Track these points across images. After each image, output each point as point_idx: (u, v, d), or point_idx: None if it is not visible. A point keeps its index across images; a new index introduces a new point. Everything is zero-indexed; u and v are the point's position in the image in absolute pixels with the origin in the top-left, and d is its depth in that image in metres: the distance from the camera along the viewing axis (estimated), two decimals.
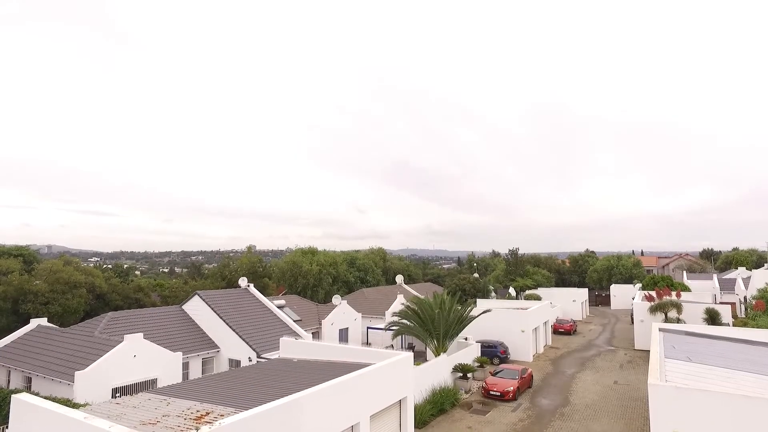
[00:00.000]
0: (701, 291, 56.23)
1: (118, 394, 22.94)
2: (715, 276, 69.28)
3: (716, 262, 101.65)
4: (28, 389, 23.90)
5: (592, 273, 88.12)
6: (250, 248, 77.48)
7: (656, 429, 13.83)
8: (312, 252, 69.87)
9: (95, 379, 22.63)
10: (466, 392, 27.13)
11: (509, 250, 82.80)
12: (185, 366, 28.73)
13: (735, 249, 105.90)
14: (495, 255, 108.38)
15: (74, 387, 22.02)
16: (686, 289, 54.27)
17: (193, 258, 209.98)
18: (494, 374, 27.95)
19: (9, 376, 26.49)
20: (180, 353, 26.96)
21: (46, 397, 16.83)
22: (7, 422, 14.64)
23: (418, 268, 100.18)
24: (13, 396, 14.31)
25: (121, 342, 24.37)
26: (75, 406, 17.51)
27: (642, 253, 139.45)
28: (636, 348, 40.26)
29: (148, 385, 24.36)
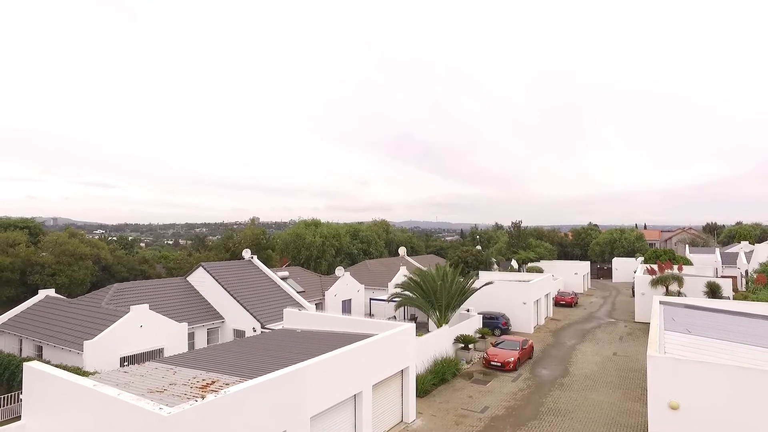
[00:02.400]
0: (703, 265, 56.40)
1: (126, 363, 23.43)
2: (717, 250, 69.36)
3: (719, 236, 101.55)
4: (39, 357, 24.44)
5: (594, 246, 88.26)
6: (253, 220, 77.81)
7: (653, 399, 14.09)
8: (315, 224, 70.06)
9: (103, 348, 23.10)
10: (468, 363, 27.59)
11: (512, 223, 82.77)
12: (191, 336, 29.25)
13: (739, 223, 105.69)
14: (498, 228, 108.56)
15: (83, 356, 22.50)
16: (688, 262, 54.39)
17: (197, 230, 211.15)
18: (495, 345, 28.35)
19: (21, 345, 27.06)
20: (185, 324, 27.40)
21: (56, 366, 17.20)
22: (21, 388, 15.04)
23: (421, 240, 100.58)
24: (25, 364, 14.65)
25: (127, 313, 24.76)
26: (85, 374, 17.93)
27: (645, 226, 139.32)
28: (636, 320, 40.65)
29: (154, 355, 24.86)
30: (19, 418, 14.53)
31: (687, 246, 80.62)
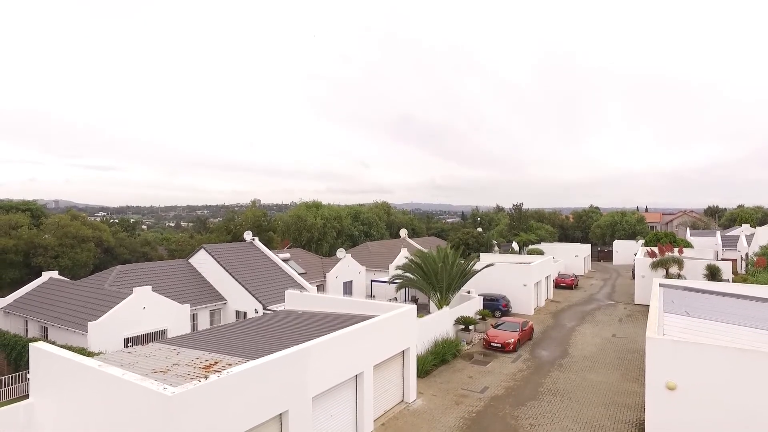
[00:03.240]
0: (704, 248, 56.43)
1: (130, 344, 23.70)
2: (718, 233, 69.35)
3: (720, 219, 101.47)
4: (45, 338, 24.73)
5: (595, 229, 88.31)
6: (254, 202, 77.83)
7: (651, 380, 14.26)
8: (316, 206, 70.06)
9: (107, 329, 23.34)
10: (468, 344, 27.86)
11: (513, 205, 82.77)
12: (193, 317, 29.52)
13: (740, 206, 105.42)
14: (499, 210, 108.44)
15: (88, 337, 22.75)
16: (688, 245, 54.47)
17: (199, 212, 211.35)
18: (495, 327, 28.59)
19: (26, 326, 27.36)
20: (188, 305, 27.62)
21: (62, 346, 17.41)
22: (28, 368, 15.26)
23: (422, 222, 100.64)
24: (31, 344, 14.85)
25: (130, 294, 24.95)
26: (89, 354, 18.15)
27: (646, 209, 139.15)
28: (636, 303, 40.89)
29: (158, 336, 25.13)
30: (27, 396, 14.78)
31: (688, 229, 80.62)
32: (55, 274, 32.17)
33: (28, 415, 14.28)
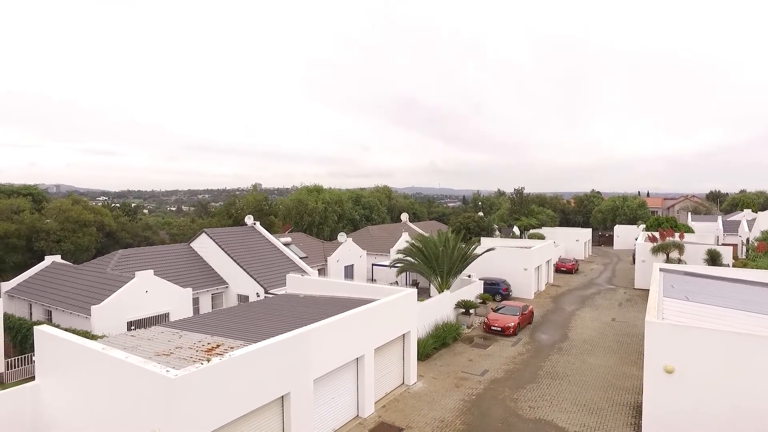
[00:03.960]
0: (705, 233, 56.40)
1: (132, 327, 23.93)
2: (719, 218, 69.27)
3: (722, 204, 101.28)
4: (49, 321, 24.97)
5: (596, 213, 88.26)
6: (255, 186, 77.79)
7: (649, 363, 14.39)
8: (317, 190, 70.04)
9: (110, 313, 23.54)
10: (468, 327, 28.06)
11: (514, 190, 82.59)
12: (195, 301, 29.74)
13: (742, 191, 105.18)
14: (500, 194, 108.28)
15: (91, 320, 22.97)
16: (690, 230, 54.44)
17: (200, 196, 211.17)
18: (496, 310, 28.77)
19: (30, 309, 27.60)
20: (190, 289, 27.81)
21: (66, 329, 17.60)
22: (33, 350, 15.45)
23: (424, 206, 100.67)
24: (35, 327, 15.00)
25: (132, 278, 25.11)
26: (93, 337, 18.34)
27: (648, 194, 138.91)
28: (636, 287, 41.04)
29: (160, 319, 25.36)
30: (33, 378, 14.98)
31: (689, 214, 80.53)
32: (57, 258, 32.34)
33: (35, 396, 14.49)
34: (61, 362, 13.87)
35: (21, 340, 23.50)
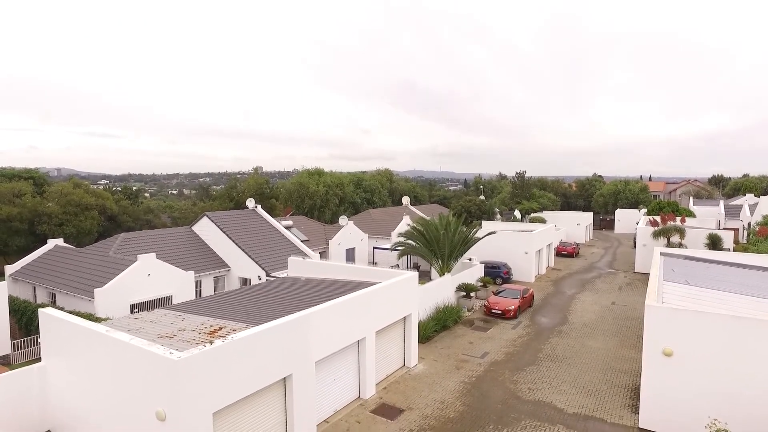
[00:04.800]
0: (706, 217, 56.35)
1: (136, 310, 24.13)
2: (721, 202, 69.10)
3: (725, 188, 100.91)
4: (53, 304, 25.19)
5: (598, 197, 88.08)
6: (256, 169, 77.69)
7: (648, 346, 14.52)
8: (318, 173, 69.92)
9: (113, 295, 23.72)
10: (469, 310, 28.24)
11: (516, 173, 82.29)
12: (197, 284, 29.91)
13: (745, 175, 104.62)
14: (502, 177, 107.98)
15: (95, 303, 23.15)
16: (691, 214, 54.37)
17: (201, 180, 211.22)
18: (496, 294, 28.92)
19: (35, 292, 27.81)
20: (192, 272, 27.95)
21: (70, 312, 17.76)
22: (38, 332, 15.65)
23: (425, 189, 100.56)
24: (40, 310, 15.15)
25: (135, 262, 25.23)
26: (97, 320, 18.52)
27: (650, 178, 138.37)
28: (636, 271, 41.16)
29: (163, 302, 25.54)
30: (39, 359, 15.18)
31: (691, 198, 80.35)
32: (60, 241, 32.49)
33: (42, 377, 14.72)
34: (66, 344, 14.04)
35: (26, 323, 23.76)
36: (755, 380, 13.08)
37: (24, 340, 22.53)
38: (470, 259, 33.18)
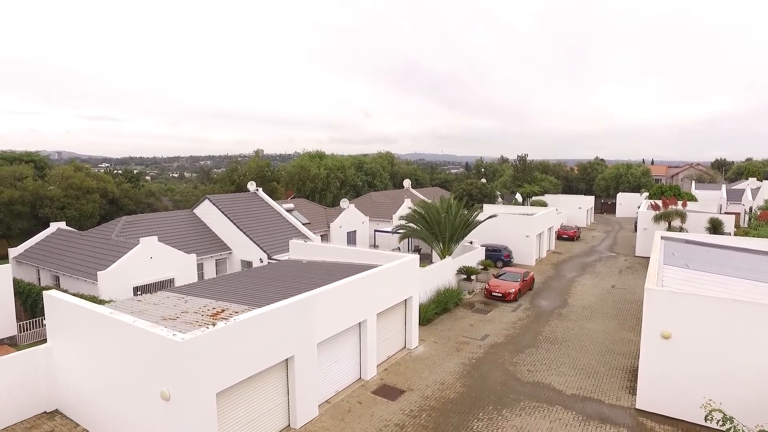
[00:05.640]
0: (708, 201, 56.23)
1: (139, 293, 24.31)
2: (723, 186, 68.89)
3: (727, 172, 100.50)
4: (57, 286, 25.39)
5: (599, 181, 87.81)
6: (257, 152, 77.36)
7: (647, 329, 14.65)
8: (320, 156, 69.72)
9: (116, 278, 23.88)
10: (470, 293, 28.42)
11: (518, 156, 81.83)
12: (200, 267, 30.08)
13: (749, 159, 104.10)
14: (503, 161, 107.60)
15: (98, 285, 23.32)
16: (693, 199, 54.25)
17: (202, 163, 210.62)
18: (497, 277, 29.05)
19: (39, 275, 28.00)
20: (194, 255, 28.08)
21: (74, 294, 17.92)
22: (43, 314, 15.85)
23: (426, 172, 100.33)
24: (44, 292, 15.31)
25: (137, 245, 25.34)
26: (100, 302, 18.69)
27: (652, 162, 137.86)
28: (636, 255, 41.26)
29: (165, 285, 25.73)
30: (45, 340, 15.39)
31: (693, 182, 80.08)
32: (62, 225, 32.57)
33: (48, 358, 14.94)
34: (71, 326, 14.22)
35: (31, 304, 23.99)
36: (752, 363, 13.22)
37: (30, 322, 22.79)
38: (471, 243, 33.26)
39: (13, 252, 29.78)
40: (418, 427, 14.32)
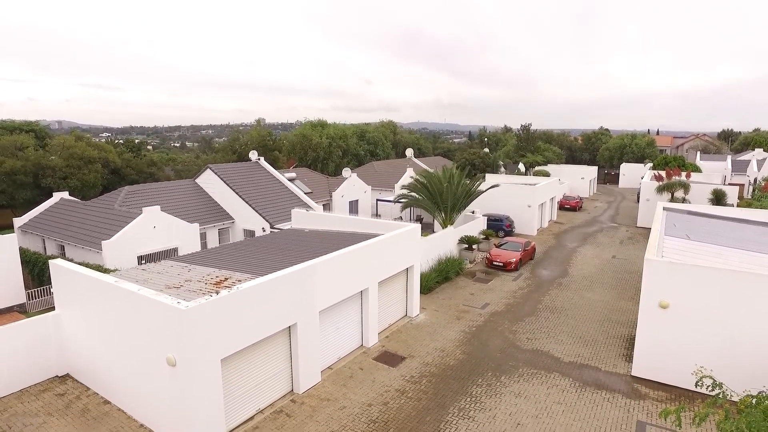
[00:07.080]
0: (713, 172, 55.79)
1: (143, 262, 24.60)
2: (729, 157, 68.20)
3: (734, 143, 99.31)
4: (62, 256, 25.68)
5: (603, 151, 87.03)
6: (259, 121, 76.82)
7: (645, 299, 14.82)
8: (322, 125, 69.16)
9: (120, 247, 24.12)
10: (471, 262, 28.64)
11: (521, 126, 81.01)
12: (203, 236, 30.31)
13: (756, 130, 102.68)
14: (507, 130, 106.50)
15: (103, 254, 23.58)
16: (697, 169, 53.80)
17: (203, 132, 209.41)
18: (498, 246, 29.20)
19: (44, 244, 28.29)
20: (197, 224, 28.25)
21: (80, 263, 18.16)
22: (50, 283, 16.12)
23: (429, 142, 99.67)
24: (50, 261, 15.51)
25: (140, 214, 25.48)
26: (106, 271, 18.95)
27: (658, 132, 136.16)
28: (638, 225, 41.28)
29: (169, 254, 25.98)
30: (53, 308, 15.70)
31: (698, 153, 79.27)
32: (65, 194, 32.69)
33: (57, 324, 15.27)
34: (78, 294, 14.46)
35: (38, 273, 24.34)
36: (746, 333, 13.42)
37: (38, 290, 23.17)
38: (473, 212, 33.31)
39: (18, 222, 30.01)
40: (418, 392, 14.69)
